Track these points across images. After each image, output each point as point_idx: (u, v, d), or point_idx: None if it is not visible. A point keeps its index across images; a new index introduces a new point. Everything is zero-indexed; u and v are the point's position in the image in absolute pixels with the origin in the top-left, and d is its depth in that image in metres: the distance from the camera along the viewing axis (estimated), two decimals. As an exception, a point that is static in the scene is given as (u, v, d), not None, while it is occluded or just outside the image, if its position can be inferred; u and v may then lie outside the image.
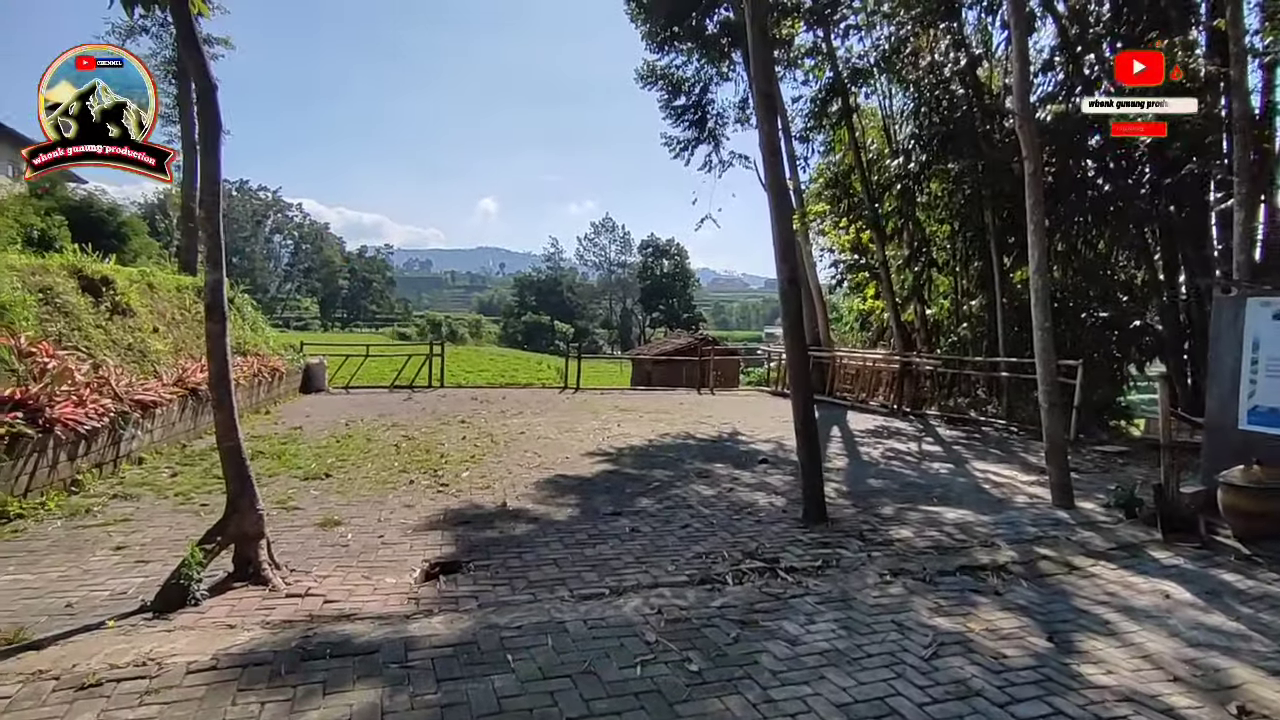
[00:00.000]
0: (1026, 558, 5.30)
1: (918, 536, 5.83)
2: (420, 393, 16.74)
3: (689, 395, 17.90)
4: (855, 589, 4.56)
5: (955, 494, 7.49)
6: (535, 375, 29.40)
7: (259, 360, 13.44)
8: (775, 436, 11.05)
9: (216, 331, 4.56)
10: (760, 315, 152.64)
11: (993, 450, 10.30)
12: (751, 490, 7.48)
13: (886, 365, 14.81)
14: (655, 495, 7.15)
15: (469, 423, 11.87)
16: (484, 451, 9.36)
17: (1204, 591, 4.70)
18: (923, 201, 14.70)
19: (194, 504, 6.41)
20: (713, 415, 13.67)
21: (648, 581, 4.60)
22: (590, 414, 13.44)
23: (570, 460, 8.88)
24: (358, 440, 9.98)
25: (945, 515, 6.54)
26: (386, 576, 4.65)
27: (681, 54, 17.90)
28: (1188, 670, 3.54)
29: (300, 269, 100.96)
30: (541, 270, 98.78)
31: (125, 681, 3.01)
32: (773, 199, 6.09)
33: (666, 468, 8.55)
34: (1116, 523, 6.34)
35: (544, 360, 42.28)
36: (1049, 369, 6.98)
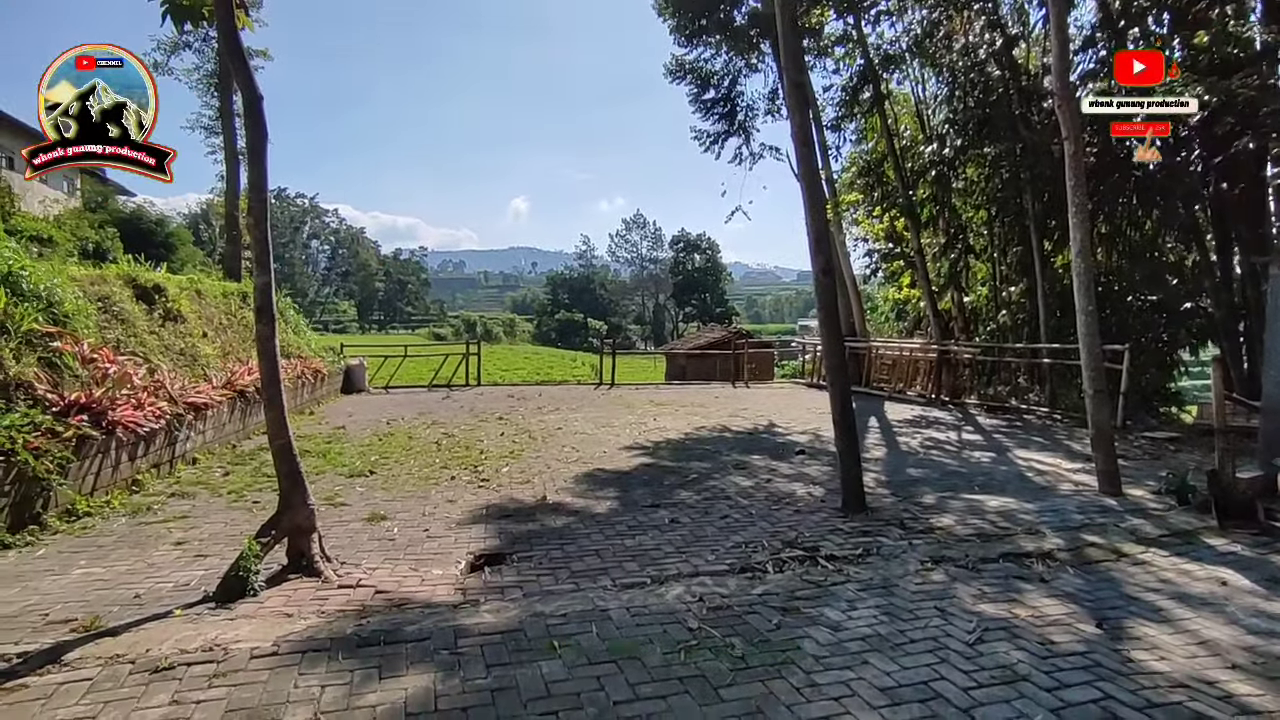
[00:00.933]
0: (1073, 545, 5.21)
1: (960, 524, 5.77)
2: (458, 391, 17.01)
3: (724, 389, 17.87)
4: (897, 576, 4.54)
5: (997, 482, 7.37)
6: (570, 372, 29.64)
7: (302, 362, 13.82)
8: (811, 428, 10.99)
9: (266, 334, 4.73)
10: (794, 308, 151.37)
11: (1035, 438, 10.10)
12: (789, 481, 7.47)
13: (924, 354, 14.58)
14: (693, 487, 7.19)
15: (506, 419, 12.04)
16: (522, 447, 9.49)
17: (1264, 578, 4.57)
18: (958, 187, 14.42)
19: (246, 501, 6.64)
20: (748, 408, 13.64)
21: (688, 570, 4.65)
22: (626, 409, 13.52)
23: (607, 454, 8.97)
24: (399, 438, 10.20)
25: (988, 503, 6.45)
26: (433, 568, 4.78)
27: (710, 47, 17.83)
28: (1247, 657, 3.46)
29: (338, 273, 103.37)
30: (574, 268, 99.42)
31: (195, 665, 3.17)
32: (806, 189, 6.06)
33: (704, 460, 8.58)
34: (1168, 510, 6.19)
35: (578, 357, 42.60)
36: (1093, 354, 6.82)
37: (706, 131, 18.56)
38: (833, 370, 6.04)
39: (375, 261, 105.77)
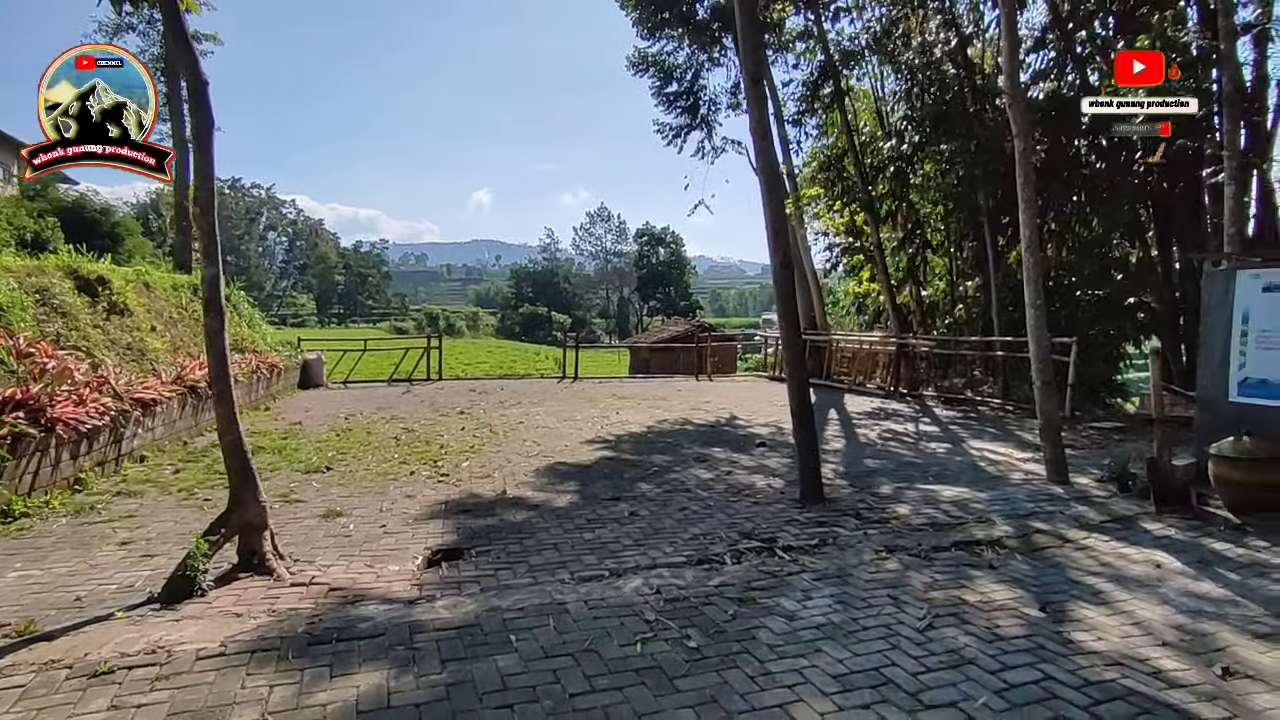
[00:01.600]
0: (1021, 532, 5.38)
1: (914, 514, 5.90)
2: (419, 385, 16.79)
3: (687, 382, 17.97)
4: (851, 565, 4.63)
5: (952, 472, 7.56)
6: (533, 366, 29.44)
7: (257, 357, 13.48)
8: (773, 420, 11.12)
9: (215, 327, 4.60)
10: (758, 301, 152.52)
11: (989, 429, 10.38)
12: (749, 473, 7.55)
13: (883, 348, 14.86)
14: (654, 480, 7.22)
15: (468, 414, 11.93)
16: (483, 442, 9.41)
17: (1195, 561, 4.78)
18: (916, 183, 14.71)
19: (197, 499, 6.47)
20: (710, 401, 13.74)
21: (646, 563, 4.67)
22: (588, 402, 13.50)
23: (569, 448, 8.95)
24: (358, 434, 10.04)
25: (942, 493, 6.61)
26: (389, 564, 4.71)
27: (672, 40, 17.82)
28: (1176, 635, 3.61)
29: (295, 266, 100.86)
30: (537, 261, 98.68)
31: (136, 669, 3.08)
32: (764, 183, 6.11)
33: (665, 453, 8.62)
34: (1110, 497, 6.42)
35: (542, 351, 42.31)
36: (1042, 347, 7.03)
37: (669, 125, 18.60)
38: (791, 363, 6.12)
39: (335, 254, 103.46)
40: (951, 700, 2.95)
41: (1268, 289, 6.10)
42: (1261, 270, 6.15)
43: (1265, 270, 6.13)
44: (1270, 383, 6.05)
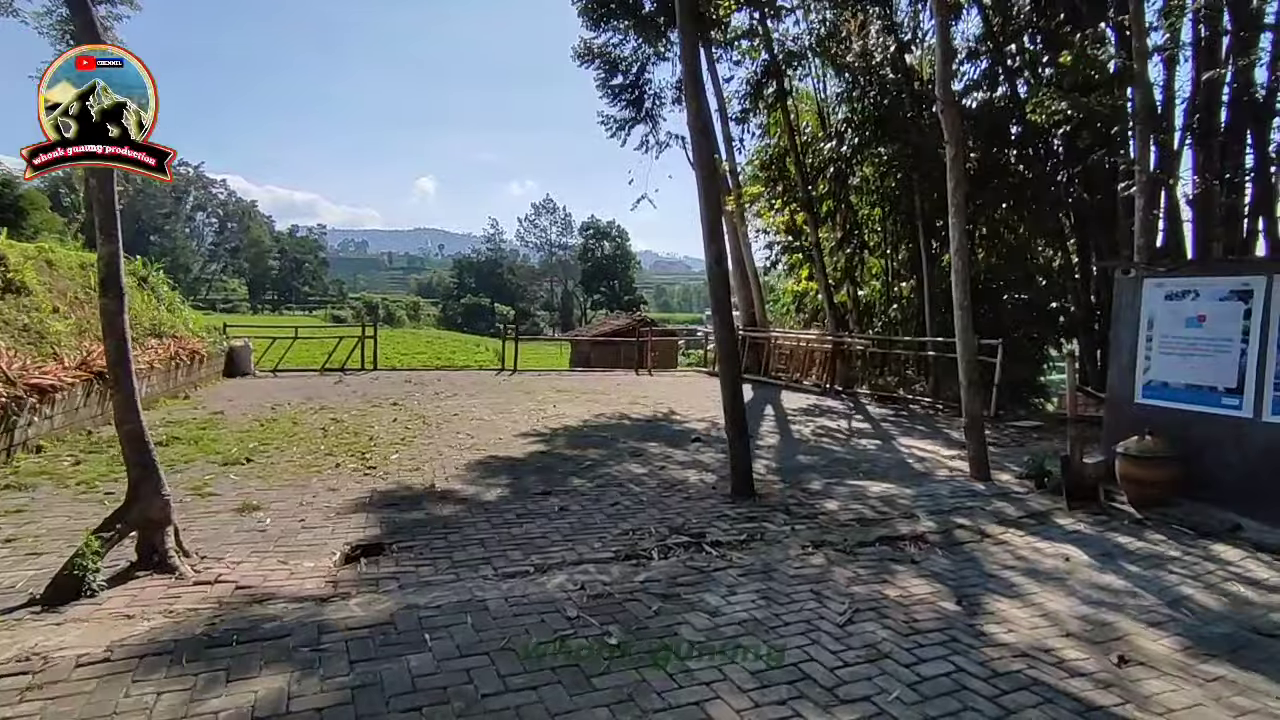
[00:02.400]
0: (944, 527, 5.53)
1: (842, 510, 6.00)
2: (352, 375, 16.26)
3: (626, 376, 17.93)
4: (777, 561, 4.66)
5: (881, 468, 7.74)
6: (473, 357, 28.96)
7: (177, 342, 12.78)
8: (710, 416, 11.18)
9: (113, 308, 4.29)
10: (702, 298, 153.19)
11: (919, 427, 10.69)
12: (683, 468, 7.55)
13: (820, 345, 15.15)
14: (587, 474, 7.14)
15: (401, 405, 11.60)
16: (415, 433, 9.16)
17: (1100, 554, 5.00)
18: (855, 185, 15.01)
19: (98, 493, 6.06)
20: (649, 395, 13.73)
21: (573, 559, 4.60)
22: (526, 395, 13.32)
23: (503, 441, 8.79)
24: (283, 424, 9.63)
25: (870, 489, 6.75)
26: (304, 561, 4.51)
27: (618, 32, 17.67)
28: (1080, 626, 3.76)
29: (226, 249, 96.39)
30: (481, 252, 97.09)
31: (5, 678, 2.83)
32: (701, 177, 6.10)
33: (600, 447, 8.55)
34: (1028, 493, 6.68)
35: (482, 342, 41.71)
36: (969, 347, 7.25)
37: (614, 117, 18.45)
38: (723, 359, 6.13)
39: (268, 238, 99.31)
40: (866, 694, 2.98)
41: (1169, 297, 6.43)
42: (1165, 279, 6.48)
43: (1168, 280, 6.46)
44: (1171, 385, 6.39)
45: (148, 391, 10.78)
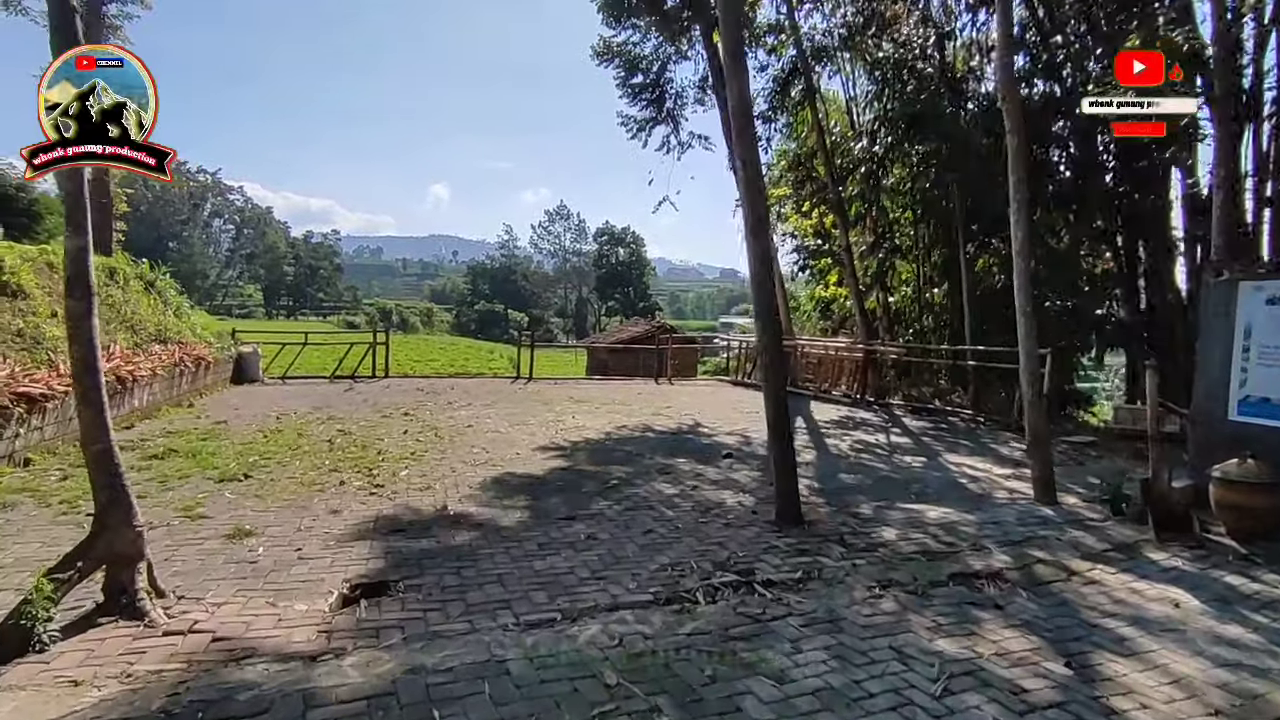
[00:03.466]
0: (1021, 562, 4.86)
1: (902, 539, 5.34)
2: (363, 383, 15.75)
3: (646, 385, 17.32)
4: (843, 606, 4.02)
5: (933, 490, 7.06)
6: (487, 365, 28.45)
7: (182, 348, 12.32)
8: (739, 429, 10.54)
9: (80, 310, 3.75)
10: (715, 305, 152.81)
11: (963, 441, 9.99)
12: (718, 488, 6.92)
13: (850, 354, 14.45)
14: (613, 496, 6.53)
15: (412, 415, 11.05)
16: (426, 447, 8.59)
17: (1212, 599, 4.32)
18: (887, 186, 14.35)
19: (79, 513, 5.50)
20: (672, 406, 13.11)
21: (606, 602, 3.98)
22: (543, 405, 12.73)
23: (520, 456, 8.19)
24: (287, 436, 9.10)
25: (927, 514, 6.08)
26: (296, 602, 3.92)
27: (639, 30, 17.17)
28: (1224, 698, 3.10)
29: (242, 255, 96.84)
30: (495, 258, 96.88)
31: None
32: (743, 169, 5.49)
33: (625, 464, 7.94)
34: (1104, 520, 5.98)
35: (496, 349, 41.19)
36: (1032, 358, 6.59)
37: (634, 117, 17.91)
38: (769, 369, 5.50)
39: (284, 244, 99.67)
40: (992, 804, 2.34)
41: (1271, 301, 5.73)
42: (1265, 283, 5.79)
43: (1269, 283, 5.76)
44: (1273, 401, 5.68)
45: (149, 400, 10.32)
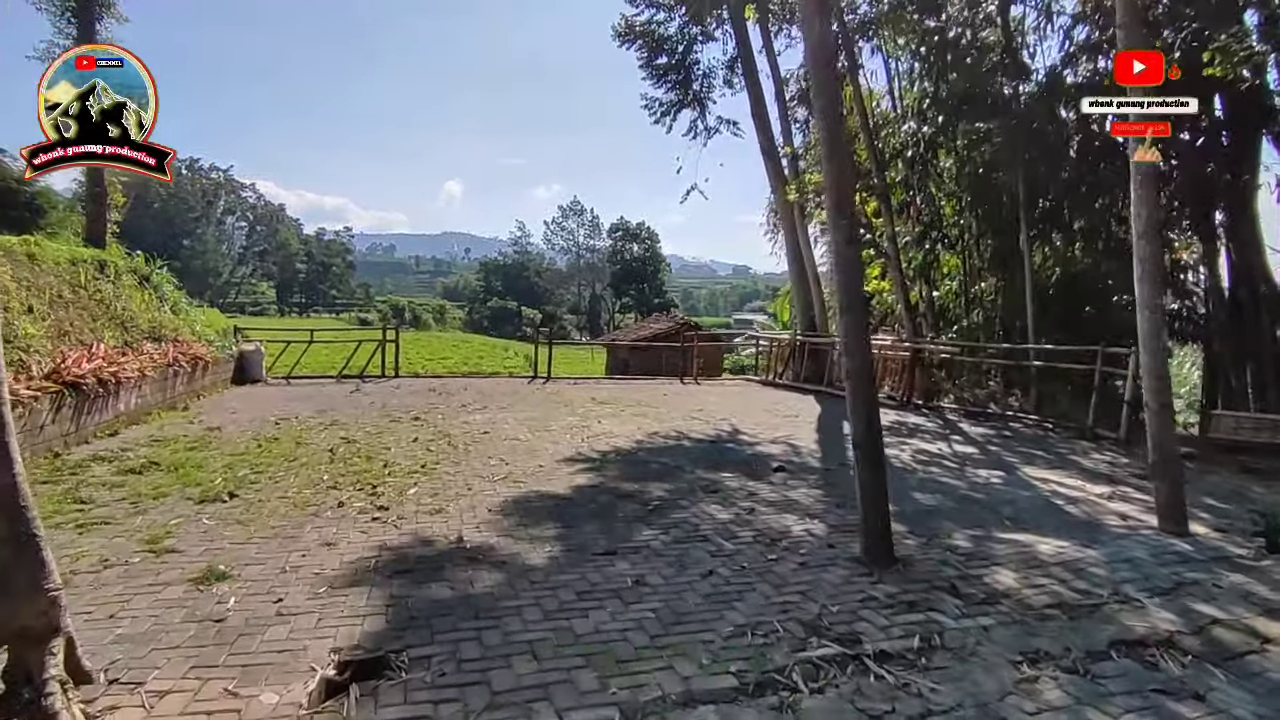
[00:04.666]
0: (1192, 623, 3.82)
1: (1024, 585, 4.31)
2: (371, 383, 14.86)
3: (672, 385, 16.31)
4: (992, 695, 3.01)
5: (1028, 514, 6.02)
6: (501, 363, 27.54)
7: (176, 347, 11.45)
8: (782, 436, 9.53)
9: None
10: (728, 302, 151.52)
11: (1036, 452, 8.91)
12: (778, 511, 5.90)
13: (895, 353, 13.37)
14: (658, 522, 5.54)
15: (423, 420, 10.12)
16: (438, 458, 7.65)
17: None
18: (937, 170, 13.25)
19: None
20: (704, 409, 12.10)
21: (676, 690, 2.99)
22: (565, 407, 11.77)
23: (545, 470, 7.23)
24: (284, 444, 8.19)
25: (1038, 549, 5.05)
26: (265, 688, 2.96)
27: (662, 9, 16.18)
28: None
29: (255, 252, 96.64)
30: (508, 254, 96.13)
31: None
32: (826, 126, 4.46)
33: (664, 479, 6.95)
34: (1258, 557, 4.93)
35: (510, 346, 40.30)
36: (1158, 359, 5.54)
37: (658, 100, 16.87)
38: (856, 374, 4.48)
39: (296, 241, 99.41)
40: None
41: None
42: None
43: None
44: None
45: (138, 403, 9.45)
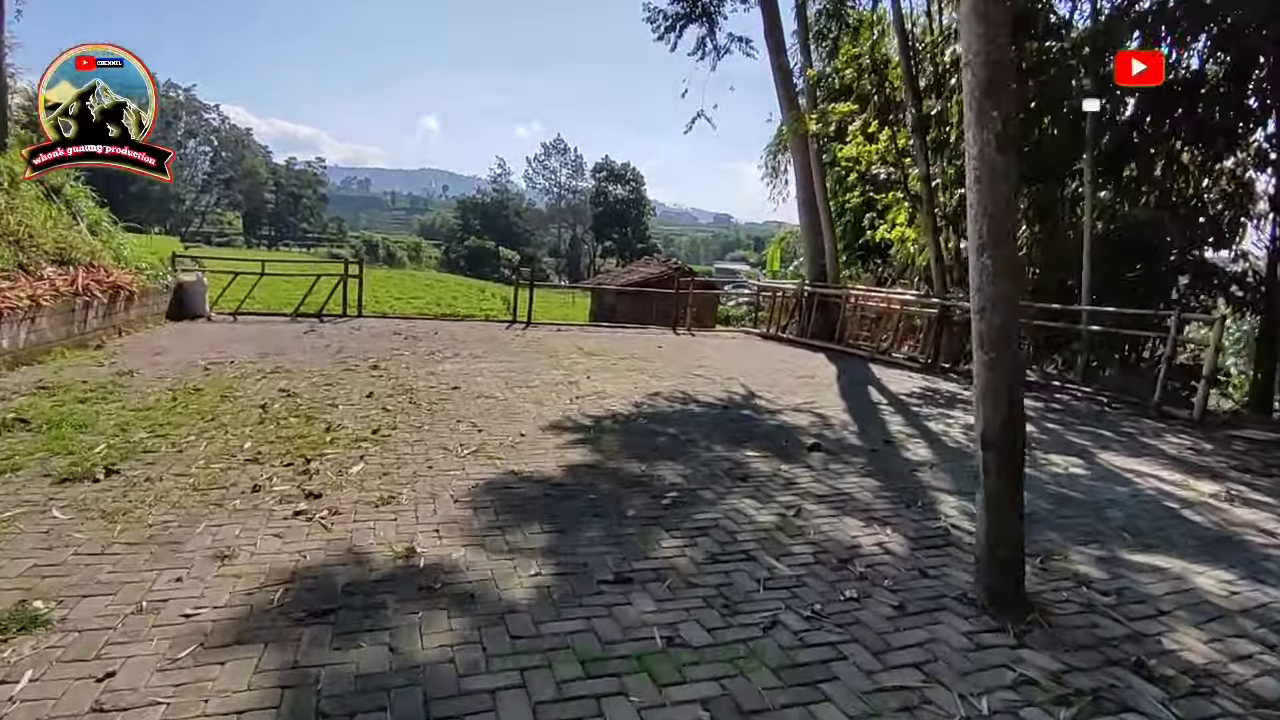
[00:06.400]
0: None
1: (1226, 655, 3.00)
2: (330, 323, 13.21)
3: (664, 335, 14.86)
4: None
5: (1144, 523, 4.72)
6: (478, 305, 25.81)
7: (89, 273, 9.64)
8: (804, 402, 8.17)
9: None
10: (710, 250, 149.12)
11: (1103, 432, 7.65)
12: (832, 511, 4.54)
13: (920, 309, 11.99)
14: (679, 523, 4.14)
15: (382, 369, 8.59)
16: (395, 420, 6.17)
17: None
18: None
19: None
20: (705, 364, 10.70)
21: None
22: (548, 358, 10.29)
23: (526, 441, 5.79)
24: (208, 396, 6.65)
25: (1196, 582, 3.75)
26: None
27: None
28: None
29: (220, 180, 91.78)
30: (487, 193, 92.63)
31: None
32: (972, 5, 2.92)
33: (676, 457, 5.55)
34: None
35: (487, 288, 38.33)
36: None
37: (662, 12, 14.88)
38: (999, 339, 3.03)
39: (264, 169, 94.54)
40: None
41: None
42: None
43: None
44: None
45: (30, 339, 7.76)
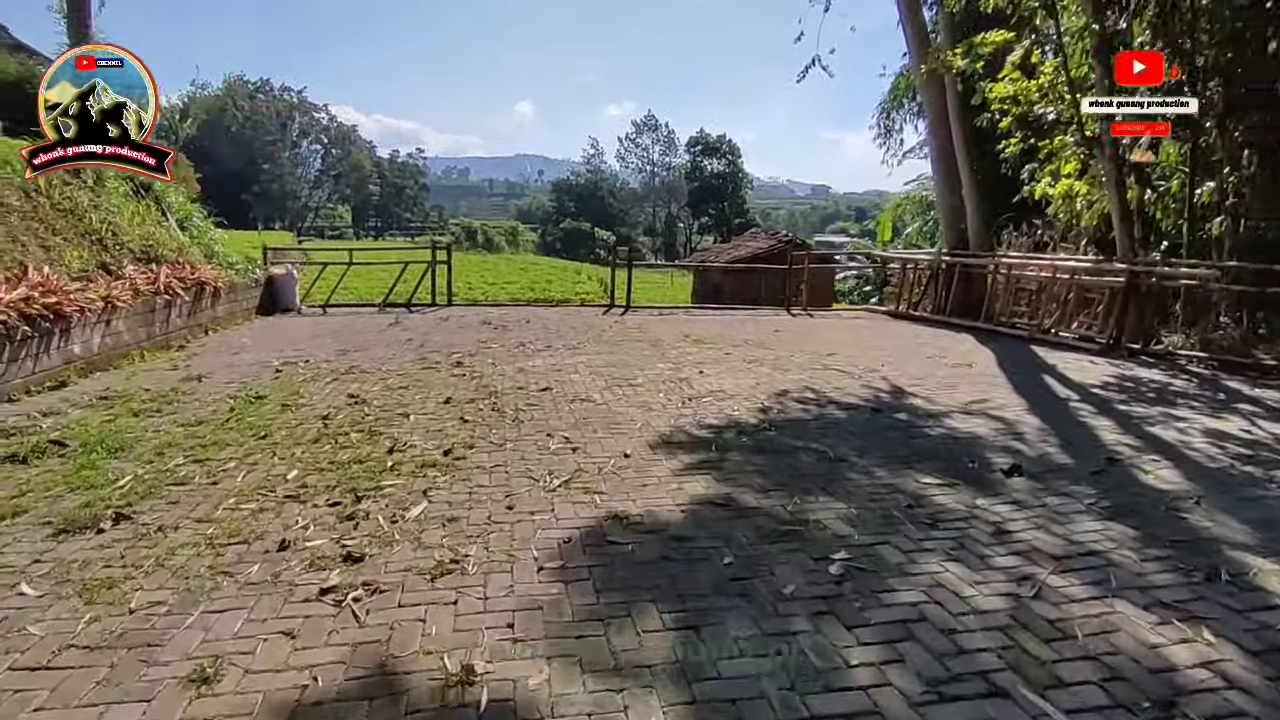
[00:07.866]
0: None
1: None
2: (419, 313, 12.52)
3: (778, 317, 13.27)
4: None
5: None
6: (573, 289, 24.83)
7: (173, 270, 9.19)
8: (972, 401, 6.49)
9: None
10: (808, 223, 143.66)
11: None
12: (1094, 591, 2.99)
13: (1096, 278, 9.81)
14: (863, 611, 2.73)
15: (466, 366, 7.60)
16: (473, 433, 5.08)
17: None
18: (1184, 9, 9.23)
19: None
20: (836, 352, 9.10)
21: None
22: (652, 349, 9.02)
23: (632, 463, 4.52)
24: (269, 406, 5.82)
25: None
26: None
27: None
28: None
29: (331, 175, 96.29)
30: (580, 174, 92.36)
31: None
32: None
33: (829, 488, 4.12)
34: None
35: (583, 269, 37.44)
36: None
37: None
38: None
39: (369, 163, 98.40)
40: None
41: None
42: None
43: None
44: None
45: (105, 343, 7.24)
